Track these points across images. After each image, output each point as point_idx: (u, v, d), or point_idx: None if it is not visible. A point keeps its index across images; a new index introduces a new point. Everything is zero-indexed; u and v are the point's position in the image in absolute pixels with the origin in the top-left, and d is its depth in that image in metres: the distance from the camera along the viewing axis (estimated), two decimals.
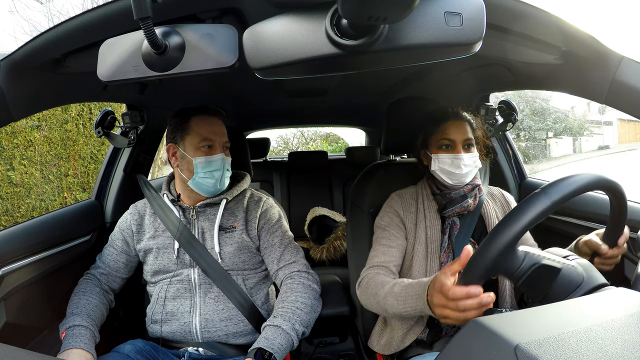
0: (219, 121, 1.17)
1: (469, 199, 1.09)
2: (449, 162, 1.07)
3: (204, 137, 1.11)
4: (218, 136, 1.14)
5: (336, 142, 10.90)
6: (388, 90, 1.84)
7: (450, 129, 1.09)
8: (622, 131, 22.75)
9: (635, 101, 0.72)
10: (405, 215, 1.13)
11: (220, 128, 1.15)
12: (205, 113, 1.15)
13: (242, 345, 1.13)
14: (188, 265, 1.14)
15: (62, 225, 1.30)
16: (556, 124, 19.65)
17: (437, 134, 1.11)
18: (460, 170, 1.06)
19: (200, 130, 1.12)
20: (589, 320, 0.46)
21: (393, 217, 1.14)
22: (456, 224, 1.10)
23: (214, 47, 0.58)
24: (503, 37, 0.76)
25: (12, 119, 0.81)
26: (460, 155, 1.06)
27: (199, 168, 1.11)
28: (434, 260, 1.08)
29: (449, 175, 1.09)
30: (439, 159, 1.09)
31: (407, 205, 1.15)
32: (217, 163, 1.12)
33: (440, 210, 1.11)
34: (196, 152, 1.11)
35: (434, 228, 1.10)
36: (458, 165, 1.06)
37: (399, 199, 1.17)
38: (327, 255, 2.22)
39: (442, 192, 1.12)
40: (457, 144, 1.08)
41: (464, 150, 1.08)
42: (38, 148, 4.04)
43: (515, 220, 0.63)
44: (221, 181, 1.14)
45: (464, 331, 0.49)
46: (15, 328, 1.07)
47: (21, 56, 0.75)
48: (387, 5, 0.44)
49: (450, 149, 1.08)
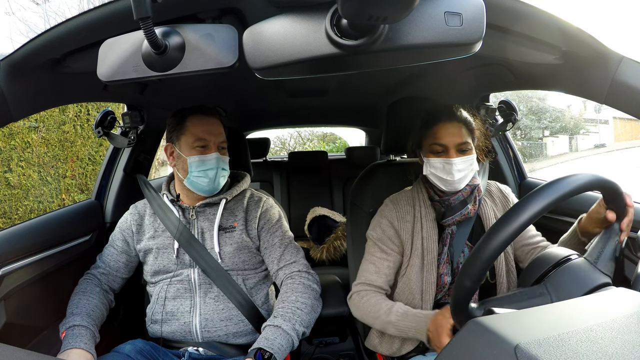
0: (216, 121, 1.16)
1: (469, 204, 1.04)
2: (441, 168, 1.01)
3: (198, 137, 1.11)
4: (213, 136, 1.13)
5: (333, 142, 10.89)
6: (388, 90, 1.84)
7: (441, 133, 1.02)
8: (622, 131, 22.79)
9: (635, 101, 0.72)
10: (400, 226, 1.08)
11: (216, 128, 1.15)
12: (202, 113, 1.15)
13: (242, 345, 1.13)
14: (188, 266, 1.14)
15: (62, 225, 1.30)
16: (552, 123, 19.67)
17: (429, 137, 1.04)
18: (452, 177, 1.00)
19: (195, 130, 1.12)
20: (589, 320, 0.46)
21: (386, 229, 1.08)
22: (454, 233, 1.06)
23: (214, 47, 0.58)
24: (503, 37, 0.76)
25: (12, 119, 0.81)
26: (452, 160, 0.99)
27: (193, 167, 1.11)
28: (431, 272, 1.03)
29: (441, 181, 1.03)
30: (430, 164, 1.04)
31: (403, 214, 1.09)
32: (211, 162, 1.11)
33: (439, 218, 1.06)
34: (190, 152, 1.12)
35: (430, 238, 1.05)
36: (450, 171, 1.00)
37: (393, 207, 1.10)
38: (327, 255, 2.22)
39: (441, 199, 1.05)
40: (449, 148, 1.00)
41: (458, 154, 1.00)
42: (36, 149, 4.04)
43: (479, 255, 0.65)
44: (215, 180, 1.13)
45: (464, 331, 0.49)
46: (15, 328, 1.07)
47: (21, 56, 0.75)
48: (387, 5, 0.44)
49: (443, 153, 1.01)
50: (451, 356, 0.49)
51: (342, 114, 2.55)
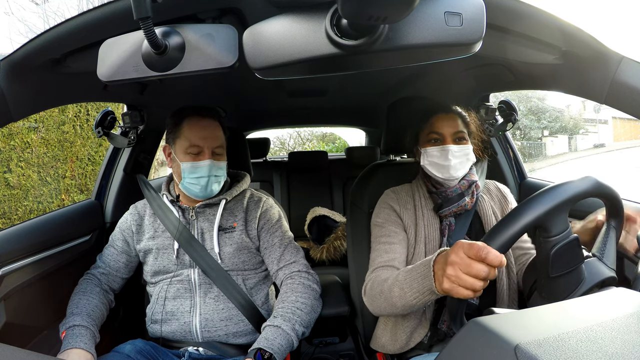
0: (213, 123, 1.14)
1: (466, 197, 1.05)
2: (438, 155, 1.04)
3: (192, 143, 1.10)
4: (207, 141, 1.11)
5: (333, 142, 10.89)
6: (388, 91, 1.84)
7: (438, 122, 1.06)
8: (621, 131, 22.81)
9: (635, 101, 0.72)
10: (402, 211, 1.09)
11: (211, 132, 1.13)
12: (199, 115, 1.13)
13: (242, 345, 1.13)
14: (188, 266, 1.14)
15: (62, 225, 1.30)
16: (552, 123, 19.69)
17: (426, 128, 1.08)
18: (449, 162, 1.02)
19: (190, 135, 1.11)
20: (589, 320, 0.46)
21: (389, 212, 1.10)
22: (452, 225, 1.07)
23: (214, 47, 0.58)
24: (503, 37, 0.76)
25: (12, 119, 0.81)
26: (448, 146, 1.03)
27: (186, 173, 1.10)
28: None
29: (438, 169, 1.05)
30: (427, 153, 1.07)
31: (404, 202, 1.11)
32: (203, 170, 1.10)
33: (437, 209, 1.07)
34: (184, 157, 1.10)
35: (431, 227, 1.07)
36: (446, 156, 1.02)
37: (393, 195, 1.13)
38: (327, 255, 2.22)
39: (438, 191, 1.08)
40: (446, 137, 1.04)
41: (454, 142, 1.04)
42: (35, 150, 4.03)
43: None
44: (207, 188, 1.12)
45: (464, 331, 0.49)
46: (15, 328, 1.07)
47: (21, 56, 0.75)
48: (387, 5, 0.44)
49: (440, 142, 1.05)
50: (451, 356, 0.49)
51: (342, 114, 2.55)
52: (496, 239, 0.67)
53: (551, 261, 0.70)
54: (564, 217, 0.69)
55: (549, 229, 0.68)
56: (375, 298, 0.96)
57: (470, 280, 0.66)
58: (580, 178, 0.72)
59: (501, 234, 0.67)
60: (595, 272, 0.72)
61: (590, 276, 0.72)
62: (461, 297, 0.67)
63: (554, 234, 0.69)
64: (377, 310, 0.98)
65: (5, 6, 7.70)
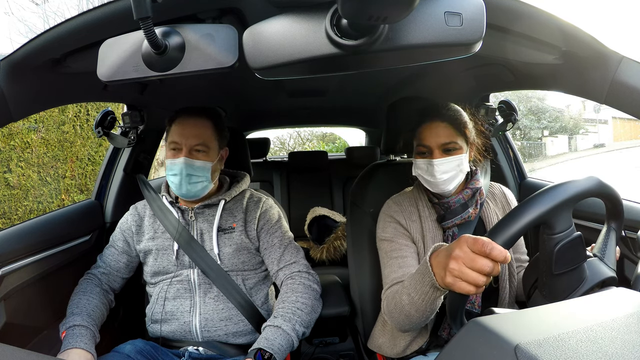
0: (200, 122, 1.12)
1: (470, 208, 1.02)
2: (425, 169, 1.01)
3: (172, 139, 1.11)
4: (185, 139, 1.08)
5: (333, 142, 10.89)
6: (388, 91, 1.84)
7: (424, 134, 1.01)
8: (621, 131, 22.81)
9: (635, 101, 0.72)
10: (408, 224, 1.06)
11: (192, 130, 1.10)
12: (188, 114, 1.13)
13: (242, 344, 1.13)
14: (187, 266, 1.14)
15: (62, 225, 1.30)
16: (552, 123, 19.70)
17: (415, 139, 1.05)
18: (435, 179, 0.99)
19: (173, 132, 1.11)
20: (589, 320, 0.46)
21: (396, 226, 1.07)
22: (455, 234, 1.05)
23: (214, 47, 0.58)
24: (503, 37, 0.76)
25: (12, 119, 0.81)
26: (433, 161, 0.98)
27: (167, 170, 1.11)
28: None
29: (428, 183, 1.02)
30: (417, 165, 1.04)
31: (408, 214, 1.08)
32: (176, 167, 1.08)
33: (440, 220, 1.05)
34: (167, 153, 1.12)
35: (436, 239, 1.05)
36: (432, 172, 0.99)
37: (397, 207, 1.09)
38: (327, 255, 2.22)
39: (440, 202, 1.05)
40: (433, 149, 1.00)
41: (442, 154, 0.99)
42: (35, 150, 4.03)
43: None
44: (182, 186, 1.09)
45: (464, 331, 0.49)
46: (15, 328, 1.07)
47: (21, 56, 0.75)
48: (387, 5, 0.44)
49: (427, 155, 1.01)
50: (451, 356, 0.49)
51: (342, 114, 2.55)
52: (501, 234, 0.66)
53: (555, 258, 0.70)
54: (568, 214, 0.69)
55: (553, 226, 0.68)
56: (393, 313, 0.94)
57: (473, 275, 0.64)
58: (585, 177, 0.72)
59: (506, 230, 0.66)
60: (597, 271, 0.73)
61: (592, 275, 0.72)
62: (463, 292, 0.66)
63: (557, 231, 0.69)
64: (399, 325, 0.94)
65: (5, 6, 7.70)
